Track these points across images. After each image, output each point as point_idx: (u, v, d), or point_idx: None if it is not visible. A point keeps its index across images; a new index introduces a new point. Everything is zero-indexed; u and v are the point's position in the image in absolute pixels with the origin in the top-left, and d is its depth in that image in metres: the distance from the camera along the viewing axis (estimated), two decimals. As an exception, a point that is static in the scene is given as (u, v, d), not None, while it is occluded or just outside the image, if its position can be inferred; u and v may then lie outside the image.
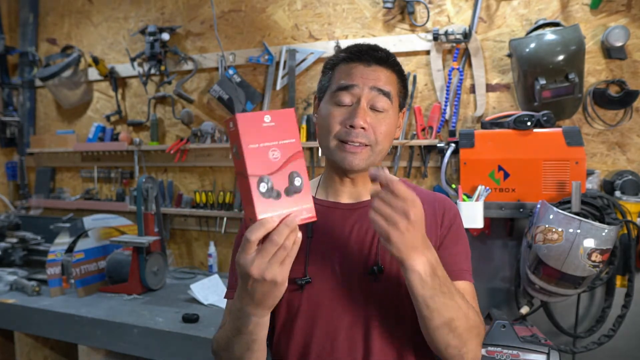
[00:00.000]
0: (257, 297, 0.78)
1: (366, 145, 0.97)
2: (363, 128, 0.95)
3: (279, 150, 0.74)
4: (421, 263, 0.81)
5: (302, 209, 0.75)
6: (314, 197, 1.07)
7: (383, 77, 0.98)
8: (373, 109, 0.97)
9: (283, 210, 0.73)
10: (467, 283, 1.03)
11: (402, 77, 1.04)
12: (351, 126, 0.95)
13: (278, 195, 0.73)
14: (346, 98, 0.97)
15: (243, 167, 0.72)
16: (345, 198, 1.06)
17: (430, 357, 1.01)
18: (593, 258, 1.51)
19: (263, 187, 0.72)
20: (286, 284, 0.76)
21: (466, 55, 2.24)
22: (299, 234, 0.74)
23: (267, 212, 0.72)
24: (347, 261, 0.99)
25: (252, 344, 0.86)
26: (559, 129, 1.80)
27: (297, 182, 0.75)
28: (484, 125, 1.98)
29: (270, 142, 0.74)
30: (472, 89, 2.25)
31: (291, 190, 0.75)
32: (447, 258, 1.00)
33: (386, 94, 0.97)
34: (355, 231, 1.02)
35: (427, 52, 2.31)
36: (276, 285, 0.75)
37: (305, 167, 0.77)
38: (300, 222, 0.74)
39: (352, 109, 0.97)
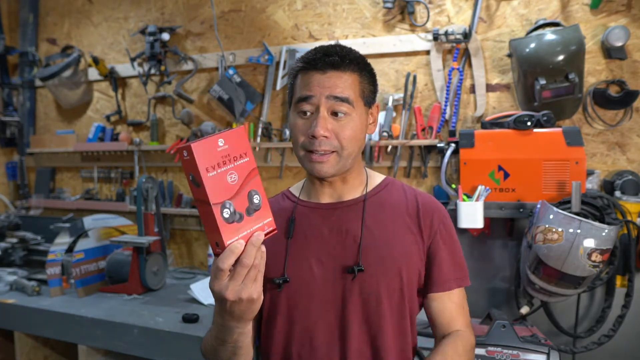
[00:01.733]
0: (237, 315, 0.80)
1: (332, 152, 0.98)
2: (325, 136, 0.97)
3: (236, 172, 0.76)
4: None
5: (263, 224, 0.79)
6: (297, 198, 1.10)
7: (340, 83, 0.98)
8: (334, 115, 0.98)
9: (247, 231, 0.76)
10: (458, 293, 1.07)
11: (365, 74, 1.03)
12: (313, 136, 0.97)
13: (241, 218, 0.76)
14: (306, 107, 0.99)
15: (204, 195, 0.73)
16: (326, 198, 1.07)
17: (406, 356, 1.03)
18: (593, 258, 1.51)
19: (226, 213, 0.74)
20: (262, 297, 0.80)
21: (466, 55, 2.24)
22: (263, 247, 0.77)
23: (233, 236, 0.74)
24: (326, 260, 1.01)
25: (238, 349, 0.90)
26: (559, 129, 1.80)
27: (256, 199, 0.78)
28: (484, 125, 1.98)
29: (226, 166, 0.75)
30: (472, 89, 2.24)
31: (251, 209, 0.77)
32: (437, 270, 1.04)
33: (344, 100, 0.97)
34: (335, 230, 1.03)
35: (427, 52, 2.31)
36: (253, 302, 0.78)
37: (261, 182, 0.80)
38: (264, 238, 0.77)
39: (312, 119, 0.98)
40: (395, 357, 1.00)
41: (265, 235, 0.78)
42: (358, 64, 1.01)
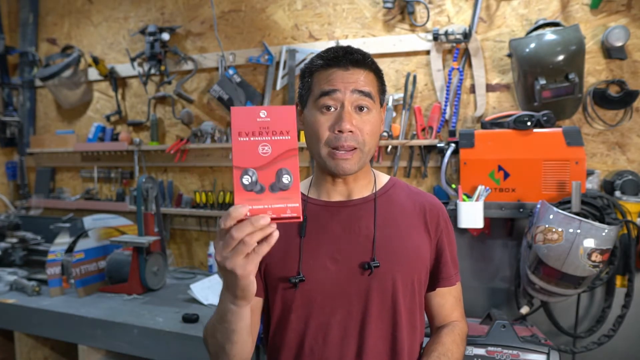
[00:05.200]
0: (227, 284, 0.81)
1: (355, 149, 0.99)
2: (351, 131, 0.98)
3: (270, 145, 0.75)
4: None
5: (286, 207, 0.74)
6: (306, 197, 1.09)
7: (362, 79, 1.00)
8: (357, 110, 1.00)
9: (263, 206, 0.74)
10: (457, 286, 1.15)
11: (379, 75, 1.07)
12: (339, 131, 0.97)
13: (261, 190, 0.74)
14: (330, 102, 0.99)
15: (233, 157, 0.75)
16: (336, 197, 1.08)
17: (416, 351, 1.07)
18: (593, 258, 1.51)
19: (246, 180, 0.73)
20: (252, 279, 0.77)
21: (466, 55, 2.24)
22: (275, 233, 0.74)
23: (245, 203, 0.73)
24: (341, 258, 1.02)
25: (231, 334, 0.89)
26: (559, 129, 1.80)
27: (285, 179, 0.75)
28: (484, 125, 1.98)
29: (262, 137, 0.75)
30: (472, 89, 2.24)
31: (276, 187, 0.74)
32: (443, 266, 1.10)
33: (367, 95, 1.00)
34: (348, 228, 1.04)
35: (427, 52, 2.31)
36: (237, 277, 0.76)
37: (298, 166, 0.76)
38: (280, 221, 0.74)
39: (337, 114, 0.99)
40: (408, 353, 1.02)
41: (283, 219, 0.75)
42: (374, 64, 1.06)
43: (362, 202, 1.07)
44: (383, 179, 1.14)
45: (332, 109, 0.99)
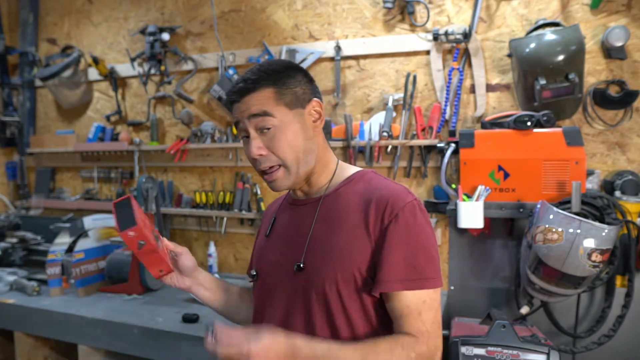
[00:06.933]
0: None
1: (279, 166, 1.04)
2: (262, 154, 1.03)
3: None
4: None
5: None
6: (288, 197, 1.21)
7: (254, 102, 1.02)
8: (261, 133, 1.03)
9: None
10: (404, 295, 0.96)
11: (283, 80, 1.03)
12: (252, 158, 1.04)
13: None
14: (242, 133, 1.07)
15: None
16: (300, 195, 1.15)
17: None
18: (593, 258, 1.51)
19: None
20: None
21: (466, 55, 2.24)
22: None
23: None
24: (284, 256, 1.10)
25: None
26: (559, 129, 1.80)
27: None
28: (484, 125, 1.98)
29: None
30: (472, 89, 2.24)
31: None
32: (382, 268, 0.96)
33: (261, 114, 1.01)
34: (294, 226, 1.11)
35: (427, 52, 2.31)
36: None
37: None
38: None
39: (249, 141, 1.05)
40: None
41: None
42: (269, 76, 1.03)
43: (311, 201, 1.11)
44: (345, 174, 1.11)
45: (246, 137, 1.06)
